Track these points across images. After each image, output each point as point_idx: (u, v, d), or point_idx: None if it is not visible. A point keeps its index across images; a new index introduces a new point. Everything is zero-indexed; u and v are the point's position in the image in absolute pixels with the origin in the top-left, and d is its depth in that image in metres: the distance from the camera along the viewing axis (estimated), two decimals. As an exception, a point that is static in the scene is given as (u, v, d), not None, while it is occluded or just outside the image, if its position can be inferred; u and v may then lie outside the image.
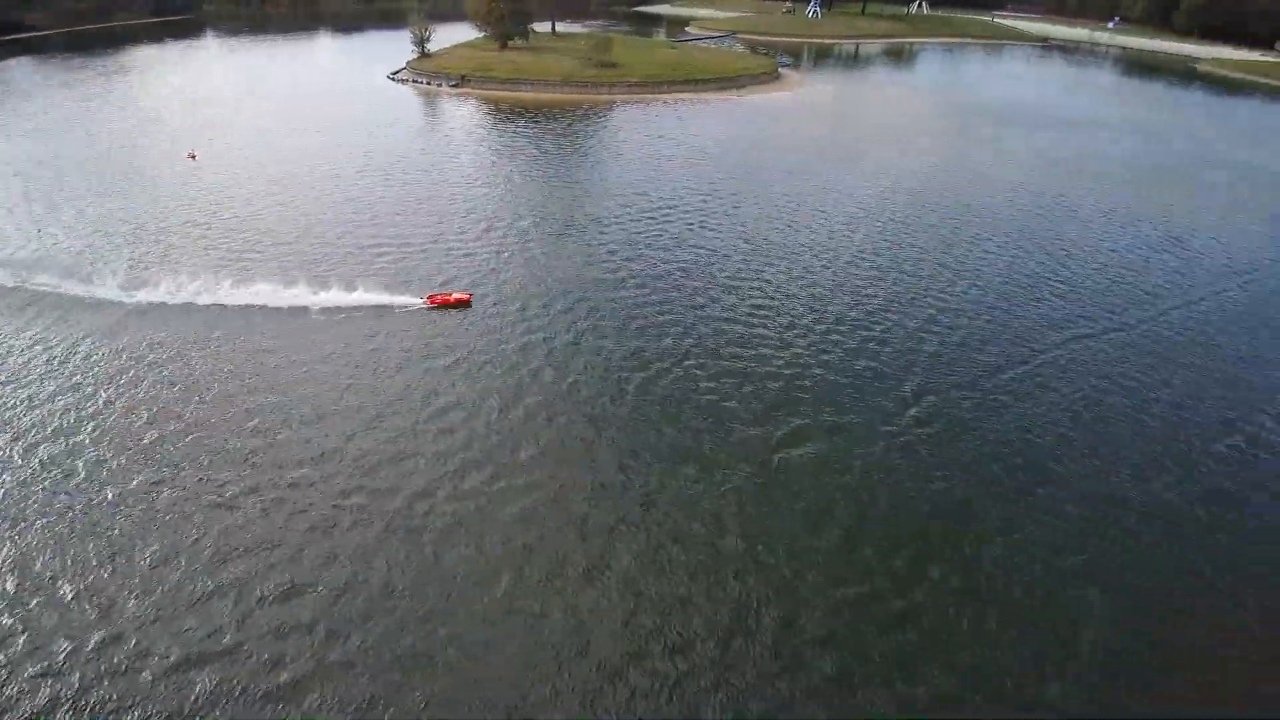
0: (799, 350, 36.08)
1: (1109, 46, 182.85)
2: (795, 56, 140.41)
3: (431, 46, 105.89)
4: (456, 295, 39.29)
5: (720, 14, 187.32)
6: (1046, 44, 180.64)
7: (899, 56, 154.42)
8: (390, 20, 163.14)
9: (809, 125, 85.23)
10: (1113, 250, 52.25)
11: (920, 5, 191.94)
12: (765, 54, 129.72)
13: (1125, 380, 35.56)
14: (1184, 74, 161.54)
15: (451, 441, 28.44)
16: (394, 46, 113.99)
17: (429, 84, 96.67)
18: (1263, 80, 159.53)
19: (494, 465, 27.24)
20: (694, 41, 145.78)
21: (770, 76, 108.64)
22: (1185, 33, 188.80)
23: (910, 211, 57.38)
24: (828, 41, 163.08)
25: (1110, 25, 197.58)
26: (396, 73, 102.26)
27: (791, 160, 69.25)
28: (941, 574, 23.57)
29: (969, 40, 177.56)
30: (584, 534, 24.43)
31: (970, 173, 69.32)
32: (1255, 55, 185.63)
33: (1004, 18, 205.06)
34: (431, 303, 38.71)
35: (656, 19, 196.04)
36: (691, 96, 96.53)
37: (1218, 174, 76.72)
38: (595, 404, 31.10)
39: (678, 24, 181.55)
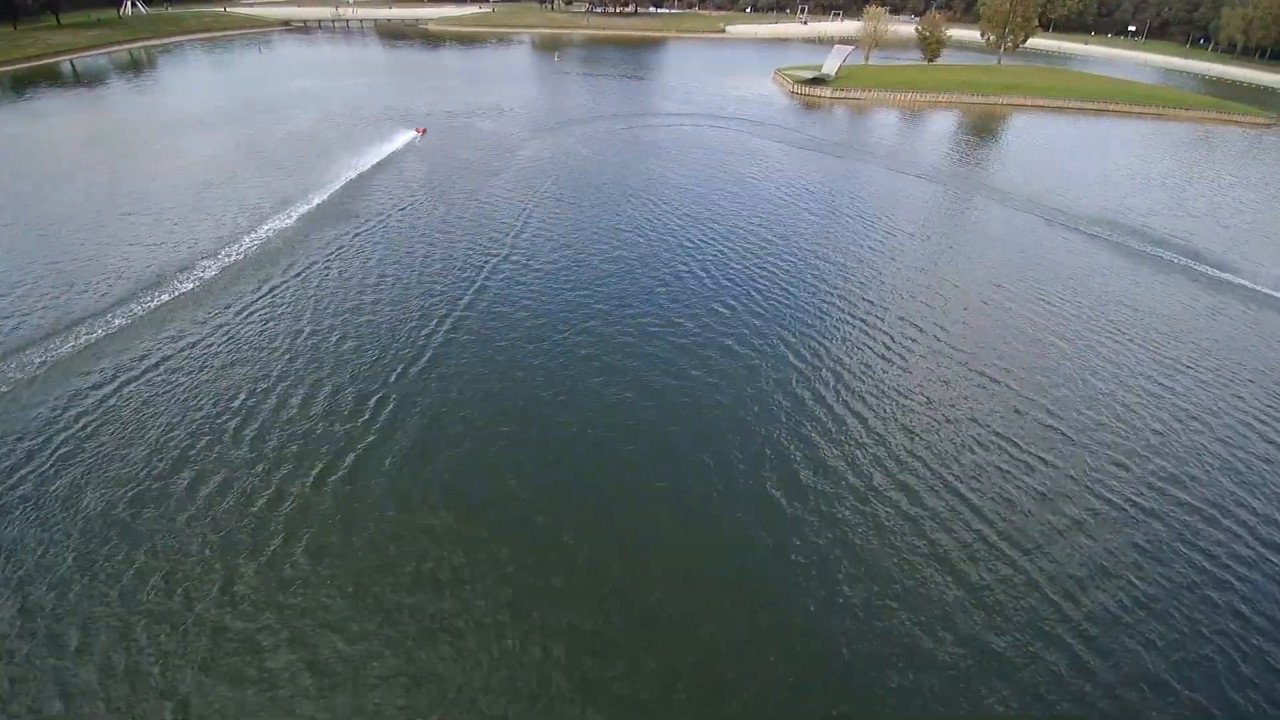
0: None
1: (354, 20, 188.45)
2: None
3: None
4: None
5: None
6: (289, 25, 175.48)
7: (139, 67, 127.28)
8: None
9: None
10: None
11: (132, 5, 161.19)
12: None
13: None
14: (426, 34, 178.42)
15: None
16: None
17: None
18: (462, 29, 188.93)
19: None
20: None
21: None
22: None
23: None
24: (21, 66, 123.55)
25: (351, 2, 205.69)
26: None
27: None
28: None
29: (231, 33, 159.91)
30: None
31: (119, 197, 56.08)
32: (467, 10, 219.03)
33: (240, 7, 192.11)
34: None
35: None
36: None
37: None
38: None
39: None
